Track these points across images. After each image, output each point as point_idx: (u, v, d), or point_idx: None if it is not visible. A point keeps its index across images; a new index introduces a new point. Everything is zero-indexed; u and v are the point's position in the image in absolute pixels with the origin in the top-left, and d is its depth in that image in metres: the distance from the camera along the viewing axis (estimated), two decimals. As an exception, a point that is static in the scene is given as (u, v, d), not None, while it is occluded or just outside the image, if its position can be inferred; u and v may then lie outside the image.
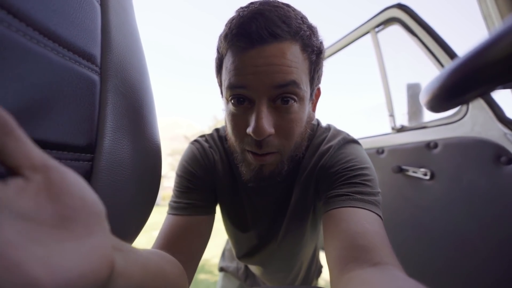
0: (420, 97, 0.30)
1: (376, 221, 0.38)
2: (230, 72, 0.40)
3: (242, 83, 0.39)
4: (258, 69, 0.38)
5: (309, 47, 0.41)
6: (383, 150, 1.15)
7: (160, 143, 0.34)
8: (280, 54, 0.38)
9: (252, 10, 0.38)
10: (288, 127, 0.41)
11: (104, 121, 0.23)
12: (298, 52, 0.39)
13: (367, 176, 0.45)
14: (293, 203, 0.55)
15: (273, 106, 0.40)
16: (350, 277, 0.30)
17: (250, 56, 0.38)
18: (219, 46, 0.43)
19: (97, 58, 0.23)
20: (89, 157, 0.22)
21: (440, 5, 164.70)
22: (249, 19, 0.37)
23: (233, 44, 0.39)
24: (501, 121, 0.79)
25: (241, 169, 0.47)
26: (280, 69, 0.38)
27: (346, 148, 0.50)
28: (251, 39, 0.37)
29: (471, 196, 0.84)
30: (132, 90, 0.28)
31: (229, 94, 0.41)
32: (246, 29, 0.37)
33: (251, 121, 0.39)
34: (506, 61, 0.19)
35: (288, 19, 0.38)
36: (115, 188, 0.24)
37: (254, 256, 0.65)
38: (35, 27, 0.17)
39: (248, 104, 0.41)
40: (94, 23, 0.23)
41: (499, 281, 0.77)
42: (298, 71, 0.39)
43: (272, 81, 0.38)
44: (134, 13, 0.33)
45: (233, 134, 0.44)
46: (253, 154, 0.43)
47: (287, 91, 0.39)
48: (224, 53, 0.42)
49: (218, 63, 0.45)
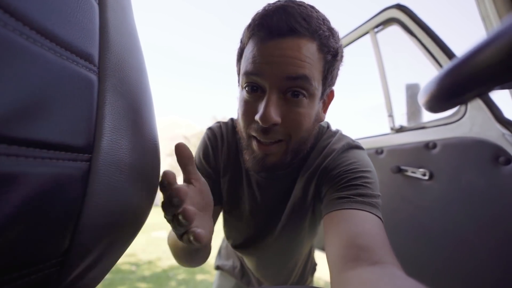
0: (419, 97, 0.30)
1: (377, 223, 0.39)
2: (248, 60, 0.43)
3: (256, 70, 0.41)
4: (272, 59, 0.40)
5: (325, 47, 0.42)
6: (382, 150, 1.16)
7: (158, 143, 0.34)
8: (295, 48, 0.40)
9: (277, 5, 0.41)
10: (295, 120, 0.43)
11: (102, 121, 0.23)
12: (314, 50, 0.41)
13: (368, 179, 0.45)
14: (293, 200, 0.56)
15: (283, 98, 0.42)
16: (350, 276, 0.30)
17: (267, 46, 0.40)
18: (242, 37, 0.46)
19: (95, 58, 0.23)
20: (87, 157, 0.22)
21: (439, 5, 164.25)
22: (272, 12, 0.40)
23: (254, 34, 0.42)
24: (500, 122, 0.79)
25: (244, 155, 0.49)
26: (293, 62, 0.40)
27: (349, 153, 0.51)
28: (270, 31, 0.40)
29: (470, 196, 0.84)
30: (130, 89, 0.27)
31: (244, 81, 0.44)
32: (267, 21, 0.40)
33: (260, 108, 0.42)
34: (504, 61, 0.19)
35: (308, 17, 0.40)
36: (113, 189, 0.24)
37: (249, 246, 0.66)
38: (32, 26, 0.17)
39: (260, 93, 0.43)
40: (92, 22, 0.23)
41: (497, 280, 0.77)
42: (311, 67, 0.41)
43: (284, 72, 0.40)
44: (132, 12, 0.33)
45: (242, 119, 0.46)
46: (257, 142, 0.45)
47: (297, 84, 0.41)
48: (246, 43, 0.45)
49: (240, 52, 0.48)
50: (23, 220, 0.17)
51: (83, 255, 0.23)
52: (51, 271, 0.21)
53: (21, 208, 0.17)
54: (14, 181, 0.16)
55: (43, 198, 0.18)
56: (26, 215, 0.17)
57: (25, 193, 0.17)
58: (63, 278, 0.22)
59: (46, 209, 0.19)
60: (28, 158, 0.17)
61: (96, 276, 0.27)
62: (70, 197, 0.20)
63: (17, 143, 0.16)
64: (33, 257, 0.19)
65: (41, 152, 0.18)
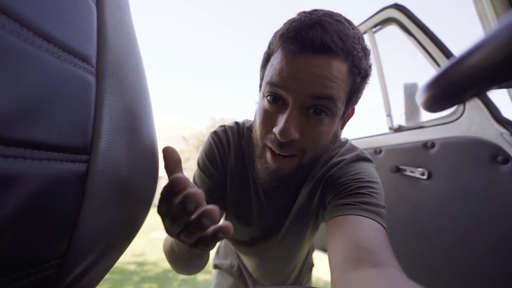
0: (417, 97, 0.30)
1: (380, 230, 0.39)
2: (275, 70, 0.41)
3: (282, 83, 0.40)
4: (300, 75, 0.38)
5: (357, 68, 0.41)
6: (380, 150, 1.16)
7: (157, 144, 0.34)
8: (326, 67, 0.38)
9: (314, 19, 0.39)
10: (313, 137, 0.42)
11: (100, 122, 0.23)
12: (344, 71, 0.40)
13: (375, 189, 0.45)
14: (297, 207, 0.56)
15: (305, 113, 0.41)
16: (351, 277, 0.30)
17: (297, 61, 0.39)
18: (272, 42, 0.44)
19: (92, 59, 0.23)
20: (85, 158, 0.22)
21: (437, 4, 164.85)
22: (308, 26, 0.38)
23: (286, 45, 0.40)
24: (498, 121, 0.80)
25: (256, 164, 0.48)
26: (321, 81, 0.38)
27: (357, 164, 0.51)
28: (304, 46, 0.38)
29: (468, 196, 0.85)
30: (128, 90, 0.27)
31: (267, 90, 0.42)
32: (302, 35, 0.38)
33: (279, 121, 0.40)
34: (502, 60, 0.19)
35: (345, 36, 0.39)
36: (111, 190, 0.24)
37: (252, 249, 0.66)
38: (29, 28, 0.17)
39: (282, 105, 0.42)
40: (90, 23, 0.23)
41: (496, 279, 0.78)
42: (339, 88, 0.40)
43: (310, 91, 0.39)
44: (130, 12, 0.33)
45: (260, 128, 0.45)
46: (272, 154, 0.44)
47: (322, 103, 0.40)
48: (275, 51, 0.43)
49: (266, 58, 0.46)
50: (21, 221, 0.17)
51: (81, 256, 0.23)
52: (50, 273, 0.21)
53: (19, 210, 0.17)
54: (12, 182, 0.16)
55: (41, 199, 0.18)
56: (24, 216, 0.17)
57: (23, 194, 0.17)
58: (62, 279, 0.22)
59: (44, 210, 0.19)
60: (26, 159, 0.17)
61: (94, 277, 0.27)
62: (68, 198, 0.20)
63: (15, 144, 0.16)
64: (32, 259, 0.19)
65: (39, 153, 0.18)
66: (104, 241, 0.25)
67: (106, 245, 0.25)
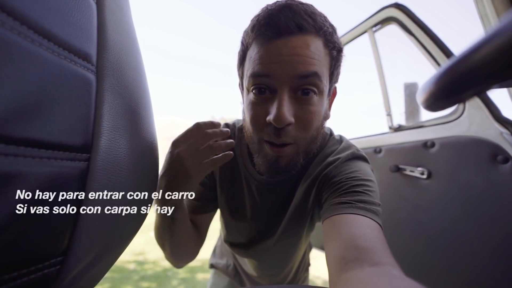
0: (417, 96, 0.30)
1: (377, 228, 0.39)
2: (255, 61, 0.42)
3: (265, 71, 0.41)
4: (282, 58, 0.39)
5: (331, 43, 0.43)
6: (380, 150, 1.16)
7: (157, 143, 0.34)
8: (304, 46, 0.39)
9: (280, 4, 0.41)
10: (307, 118, 0.43)
11: (100, 121, 0.23)
12: (320, 46, 0.41)
13: (370, 187, 0.45)
14: (293, 206, 0.56)
15: (294, 96, 0.42)
16: (349, 276, 0.30)
17: (275, 46, 0.40)
18: (244, 39, 0.45)
19: (93, 57, 0.23)
20: (85, 156, 0.22)
21: (437, 4, 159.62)
22: (277, 11, 0.40)
23: (260, 34, 0.41)
24: (498, 120, 0.80)
25: (256, 160, 0.48)
26: (303, 59, 0.39)
27: (353, 162, 0.51)
28: (278, 29, 0.39)
29: (468, 195, 0.85)
30: (128, 89, 0.27)
31: (252, 83, 0.43)
32: (274, 20, 0.40)
33: (272, 109, 0.41)
34: (502, 59, 0.19)
35: (313, 14, 0.41)
36: (112, 188, 0.24)
37: (248, 249, 0.66)
38: (29, 26, 0.17)
39: (269, 94, 0.42)
40: (90, 22, 0.23)
41: (496, 278, 0.78)
42: (320, 63, 0.41)
43: (295, 71, 0.39)
44: (130, 11, 0.33)
45: (252, 123, 0.45)
46: (270, 145, 0.44)
47: (308, 82, 0.41)
48: (250, 44, 0.44)
49: (241, 55, 0.47)
50: (22, 219, 0.17)
51: (82, 254, 0.23)
52: (51, 271, 0.21)
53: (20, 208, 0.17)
54: (13, 180, 0.16)
55: (41, 198, 0.18)
56: (25, 214, 0.17)
57: (23, 192, 0.17)
58: (63, 277, 0.22)
59: (45, 208, 0.19)
60: (26, 157, 0.17)
61: (95, 275, 0.27)
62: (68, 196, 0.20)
63: (15, 142, 0.16)
64: (33, 257, 0.19)
65: (39, 151, 0.18)
66: (104, 239, 0.25)
67: (106, 243, 0.26)
